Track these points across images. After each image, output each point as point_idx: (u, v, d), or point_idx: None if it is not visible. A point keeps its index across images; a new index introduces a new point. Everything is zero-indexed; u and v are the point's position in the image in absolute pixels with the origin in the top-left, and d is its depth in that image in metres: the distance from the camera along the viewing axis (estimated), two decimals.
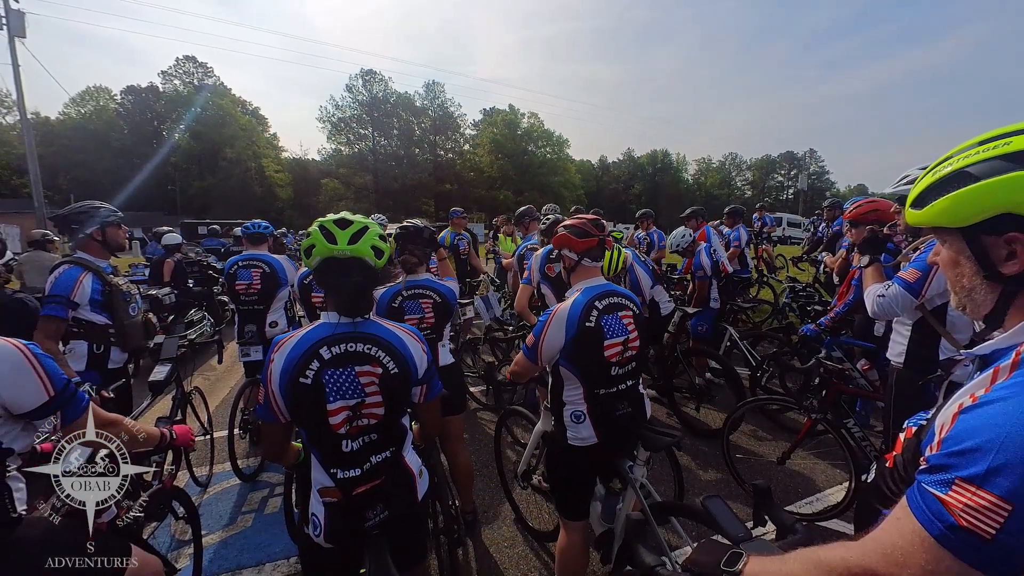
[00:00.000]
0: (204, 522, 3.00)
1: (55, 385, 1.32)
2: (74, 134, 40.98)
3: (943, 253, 0.84)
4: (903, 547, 0.64)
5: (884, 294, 2.29)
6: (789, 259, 10.97)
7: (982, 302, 0.79)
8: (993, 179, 0.70)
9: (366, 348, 1.45)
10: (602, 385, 1.95)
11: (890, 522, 0.69)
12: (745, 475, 3.30)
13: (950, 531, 0.60)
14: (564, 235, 2.08)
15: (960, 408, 0.68)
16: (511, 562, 2.67)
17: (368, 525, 1.44)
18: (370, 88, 53.48)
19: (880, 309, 2.31)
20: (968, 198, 0.73)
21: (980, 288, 0.78)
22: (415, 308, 2.60)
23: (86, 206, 2.68)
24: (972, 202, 0.73)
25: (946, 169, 0.78)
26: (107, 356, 2.64)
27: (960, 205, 0.74)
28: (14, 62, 13.86)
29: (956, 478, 0.62)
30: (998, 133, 0.75)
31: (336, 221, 1.44)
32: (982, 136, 0.78)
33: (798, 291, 5.96)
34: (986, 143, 0.75)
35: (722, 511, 1.26)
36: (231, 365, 5.97)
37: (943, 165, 0.79)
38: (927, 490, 0.65)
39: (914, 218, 0.83)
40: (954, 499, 0.61)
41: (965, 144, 0.79)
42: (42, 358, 1.31)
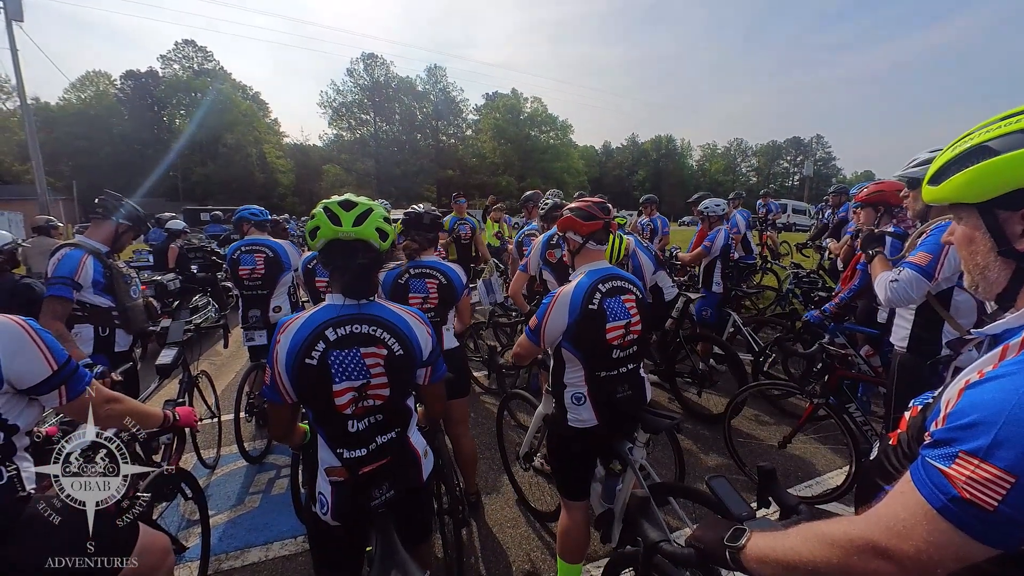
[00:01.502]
0: (212, 503, 3.06)
1: (57, 359, 1.32)
2: (75, 120, 40.71)
3: (958, 231, 0.84)
4: (905, 519, 0.65)
5: (897, 279, 2.24)
6: (793, 245, 10.90)
7: (995, 280, 0.78)
8: (1013, 152, 0.70)
9: (371, 330, 1.45)
10: (603, 367, 1.96)
11: (893, 496, 0.69)
12: (746, 459, 3.34)
13: (953, 503, 0.61)
14: (569, 218, 2.07)
15: (967, 384, 0.68)
16: (514, 542, 2.72)
17: (374, 504, 1.46)
18: (371, 72, 52.90)
19: (895, 295, 2.25)
20: (986, 172, 0.72)
21: (994, 265, 0.78)
22: (420, 287, 2.62)
23: (133, 204, 2.88)
24: (990, 176, 0.72)
25: (966, 144, 0.77)
26: (113, 339, 2.67)
27: (978, 179, 0.73)
28: (12, 46, 13.71)
29: (960, 451, 0.62)
30: (1019, 109, 0.74)
31: (341, 203, 1.44)
32: (1008, 112, 0.77)
33: (802, 277, 5.94)
34: (1008, 117, 0.74)
35: (726, 491, 1.27)
36: (236, 350, 6.01)
37: (964, 140, 0.78)
38: (931, 464, 0.65)
39: (931, 194, 0.83)
40: (957, 472, 0.61)
41: (990, 119, 0.78)
42: (42, 332, 1.31)
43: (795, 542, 0.77)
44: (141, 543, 1.50)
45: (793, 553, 0.76)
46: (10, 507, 1.27)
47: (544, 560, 2.57)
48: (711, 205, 4.93)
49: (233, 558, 2.59)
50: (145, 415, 1.73)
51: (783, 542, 0.79)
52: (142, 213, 2.87)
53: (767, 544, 0.83)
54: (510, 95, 56.50)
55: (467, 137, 57.29)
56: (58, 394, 1.34)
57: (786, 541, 0.79)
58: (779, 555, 0.79)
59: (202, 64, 49.05)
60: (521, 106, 56.20)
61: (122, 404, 1.60)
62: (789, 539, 0.79)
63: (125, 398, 1.65)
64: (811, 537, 0.75)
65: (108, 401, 1.54)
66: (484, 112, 57.24)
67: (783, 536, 0.80)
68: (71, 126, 39.98)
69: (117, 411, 1.58)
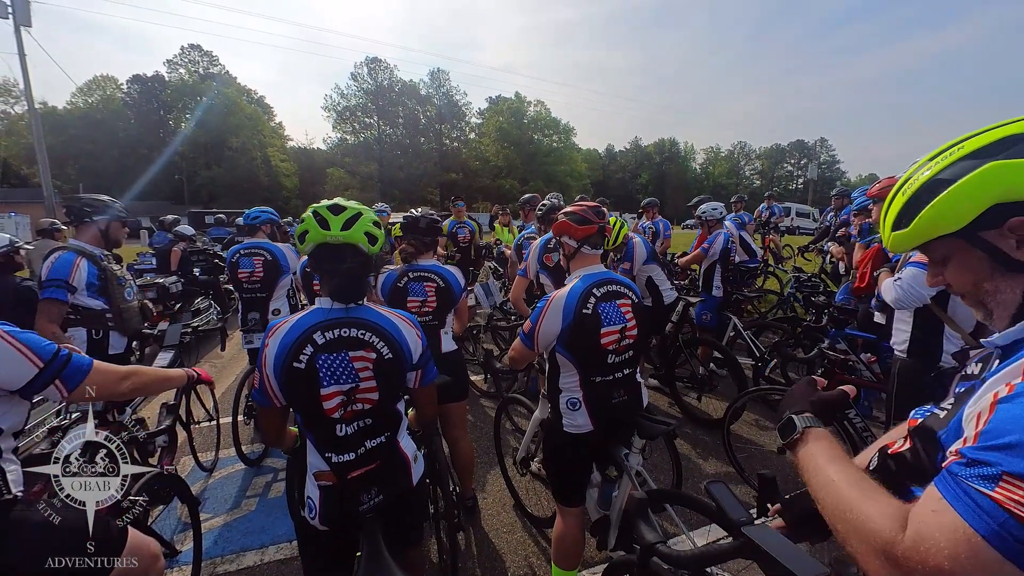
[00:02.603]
0: (209, 505, 3.06)
1: (41, 356, 1.29)
2: (81, 124, 41.08)
3: (949, 270, 0.82)
4: (940, 539, 0.61)
5: (900, 277, 2.25)
6: (796, 249, 10.86)
7: (1011, 299, 0.76)
8: (970, 175, 0.72)
9: (359, 333, 1.45)
10: (598, 372, 1.94)
11: (925, 513, 0.65)
12: (745, 464, 3.31)
13: (1001, 528, 0.57)
14: (564, 222, 2.06)
15: (996, 398, 0.65)
16: (510, 547, 2.70)
17: (363, 508, 1.45)
18: (375, 76, 53.09)
19: (903, 293, 2.26)
20: (953, 199, 0.73)
21: (1004, 285, 0.76)
22: (419, 290, 2.63)
23: (99, 198, 2.77)
24: (958, 201, 0.73)
25: (914, 186, 0.79)
26: (106, 342, 2.68)
27: (947, 207, 0.74)
28: (21, 51, 13.87)
29: (1003, 473, 0.59)
30: (944, 147, 0.79)
31: (330, 207, 1.44)
32: (930, 154, 0.81)
33: (803, 281, 5.90)
34: (938, 155, 0.78)
35: (725, 495, 1.25)
36: (235, 353, 6.02)
37: (907, 185, 0.80)
38: (970, 485, 0.61)
39: (901, 238, 0.82)
40: (1004, 495, 0.58)
41: (916, 166, 0.82)
42: (16, 333, 1.28)
43: (843, 485, 0.76)
44: (129, 547, 1.50)
45: (832, 489, 0.76)
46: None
47: (540, 566, 2.55)
48: (708, 209, 4.92)
49: (228, 562, 2.58)
50: (168, 378, 1.82)
51: (831, 470, 0.79)
52: (107, 201, 2.78)
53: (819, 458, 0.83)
54: (514, 98, 56.62)
55: (470, 140, 57.39)
56: (56, 388, 1.32)
57: (834, 473, 0.78)
58: (820, 477, 0.80)
59: (208, 68, 49.41)
60: (524, 109, 56.28)
61: (141, 375, 1.62)
62: (840, 473, 0.78)
63: (142, 369, 1.67)
64: (855, 496, 0.73)
65: (126, 378, 1.54)
66: (488, 115, 57.36)
67: (838, 464, 0.80)
68: (78, 130, 40.33)
69: (140, 383, 1.61)
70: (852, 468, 0.79)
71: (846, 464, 0.80)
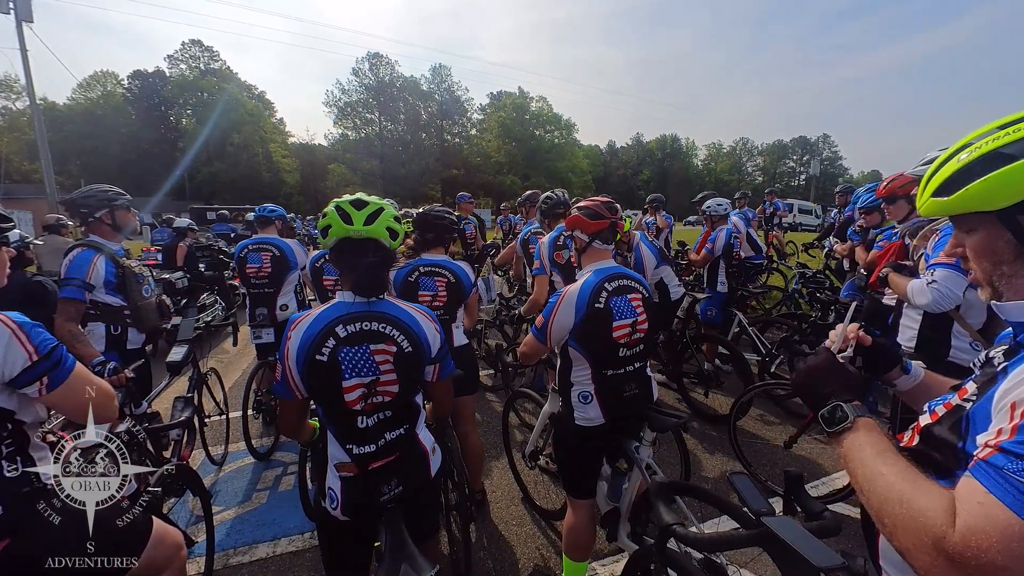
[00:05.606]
0: (220, 499, 3.10)
1: (39, 350, 1.28)
2: (83, 119, 41.02)
3: (972, 242, 0.81)
4: (991, 533, 0.61)
5: (934, 280, 2.15)
6: (800, 245, 10.85)
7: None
8: None
9: (381, 327, 1.47)
10: (610, 366, 1.96)
11: (972, 506, 0.64)
12: (752, 459, 3.33)
13: None
14: (576, 216, 2.08)
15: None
16: (519, 539, 2.73)
17: (383, 499, 1.48)
18: (376, 72, 52.91)
19: (940, 296, 2.15)
20: (1009, 177, 0.71)
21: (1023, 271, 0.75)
22: (430, 285, 2.65)
23: (94, 190, 2.71)
24: (1013, 179, 0.71)
25: (975, 153, 0.75)
26: (125, 337, 2.70)
27: (1000, 185, 0.72)
28: (22, 47, 13.84)
29: None
30: (1015, 117, 0.75)
31: (352, 202, 1.45)
32: (1002, 120, 0.76)
33: (808, 278, 5.91)
34: (1009, 125, 0.74)
35: (747, 486, 1.28)
36: (244, 348, 6.06)
37: (968, 150, 0.77)
38: (1019, 480, 0.61)
39: (939, 206, 0.80)
40: None
41: (984, 129, 0.78)
42: (26, 326, 1.28)
43: (894, 478, 0.73)
44: (154, 536, 1.53)
45: (882, 482, 0.74)
46: (24, 500, 1.28)
47: (550, 557, 2.59)
48: (713, 205, 4.93)
49: (241, 553, 2.62)
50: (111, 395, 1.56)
51: (880, 462, 0.76)
52: (96, 192, 2.69)
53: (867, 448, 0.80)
54: (516, 94, 56.41)
55: (472, 136, 57.25)
56: (39, 385, 1.28)
57: (883, 465, 0.76)
58: (867, 470, 0.77)
59: (208, 64, 49.27)
60: (527, 105, 56.08)
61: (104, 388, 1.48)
62: (890, 466, 0.75)
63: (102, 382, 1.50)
64: (907, 490, 0.71)
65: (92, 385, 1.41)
66: (489, 111, 57.19)
67: (888, 456, 0.77)
68: (79, 126, 40.27)
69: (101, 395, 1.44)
70: (903, 461, 0.76)
71: (896, 456, 0.78)
